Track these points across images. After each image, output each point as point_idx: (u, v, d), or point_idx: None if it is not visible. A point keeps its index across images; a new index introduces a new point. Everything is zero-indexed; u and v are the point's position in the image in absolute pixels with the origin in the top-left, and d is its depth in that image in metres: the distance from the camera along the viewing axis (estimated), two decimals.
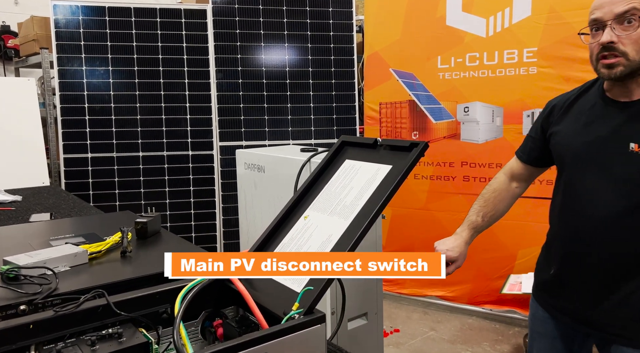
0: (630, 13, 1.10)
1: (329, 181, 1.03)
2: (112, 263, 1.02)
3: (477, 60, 2.77)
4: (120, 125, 3.16)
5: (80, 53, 3.07)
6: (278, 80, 3.33)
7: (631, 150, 1.13)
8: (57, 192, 2.52)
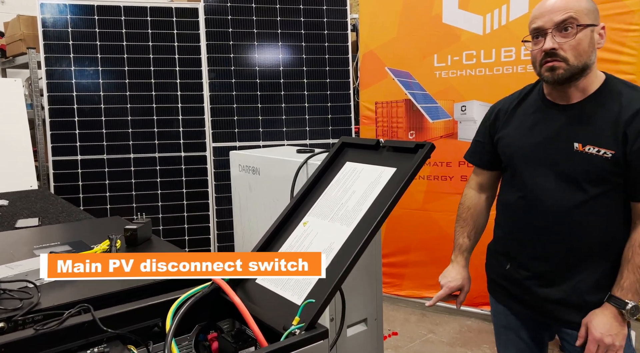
0: (567, 22, 1.18)
1: (329, 184, 0.97)
2: None
3: (474, 58, 2.73)
4: (110, 126, 3.09)
5: (69, 53, 3.00)
6: (272, 79, 3.27)
7: (576, 150, 1.23)
8: (46, 196, 2.45)
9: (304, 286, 0.80)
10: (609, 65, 2.37)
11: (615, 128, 1.19)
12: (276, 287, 0.84)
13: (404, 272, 3.11)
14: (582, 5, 1.20)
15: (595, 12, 1.22)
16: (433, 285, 3.05)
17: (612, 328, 1.22)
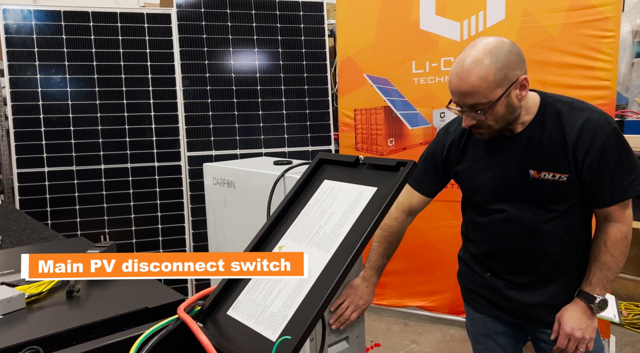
0: (477, 106, 1.19)
1: (306, 205, 0.91)
2: (56, 308, 0.88)
3: (452, 64, 2.70)
4: (79, 136, 2.97)
5: (34, 60, 2.87)
6: (248, 86, 3.20)
7: (532, 177, 1.28)
8: (8, 211, 2.32)
9: (280, 320, 0.74)
10: (585, 71, 2.37)
11: (564, 152, 1.23)
12: (249, 320, 0.77)
13: (385, 281, 3.06)
14: (489, 80, 1.16)
15: (505, 75, 1.17)
16: (415, 294, 3.02)
17: (582, 322, 1.30)
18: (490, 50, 1.17)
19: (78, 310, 0.88)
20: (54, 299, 0.90)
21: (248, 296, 0.81)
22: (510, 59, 1.17)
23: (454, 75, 1.21)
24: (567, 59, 2.41)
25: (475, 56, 1.17)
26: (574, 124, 1.22)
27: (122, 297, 0.93)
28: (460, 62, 1.21)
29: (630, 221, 1.31)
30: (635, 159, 1.26)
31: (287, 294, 0.76)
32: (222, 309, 0.82)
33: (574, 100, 1.29)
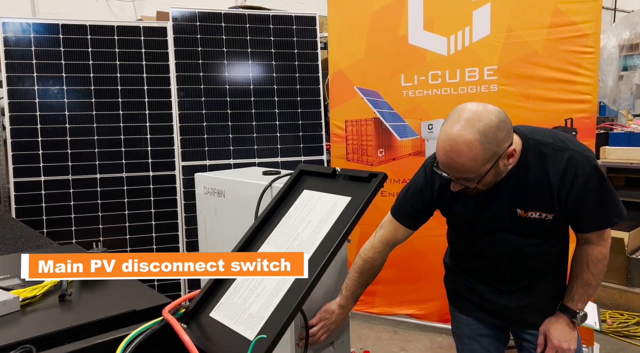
0: (465, 179, 1.25)
1: (286, 213, 0.97)
2: (49, 311, 0.93)
3: (439, 78, 2.78)
4: (75, 146, 3.02)
5: (32, 72, 2.93)
6: (242, 97, 3.26)
7: (519, 216, 1.35)
8: (4, 219, 2.37)
9: (257, 320, 0.79)
10: (566, 85, 2.45)
11: (549, 193, 1.29)
12: (230, 321, 0.82)
13: (375, 290, 3.11)
14: (478, 160, 1.17)
15: (494, 152, 1.18)
16: (404, 302, 3.07)
17: (567, 334, 1.41)
18: (479, 130, 1.15)
19: (69, 312, 0.93)
20: (47, 302, 0.96)
21: (230, 298, 0.87)
22: (498, 137, 1.17)
23: (442, 151, 1.20)
24: (550, 74, 2.49)
25: (464, 137, 1.15)
26: (557, 166, 1.27)
27: (112, 300, 0.98)
28: (448, 139, 1.18)
29: (609, 242, 1.40)
30: (614, 192, 1.33)
31: (266, 296, 0.82)
32: (205, 311, 0.87)
33: (554, 138, 1.30)
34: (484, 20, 2.61)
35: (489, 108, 1.21)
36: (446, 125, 1.20)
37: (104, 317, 0.89)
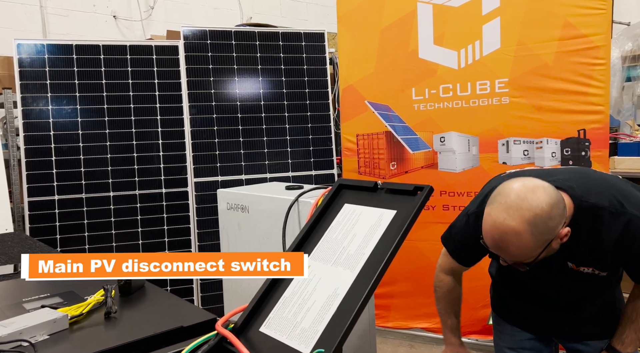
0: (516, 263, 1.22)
1: (329, 227, 0.98)
2: (96, 328, 0.93)
3: (450, 91, 2.81)
4: (89, 164, 3.04)
5: (46, 92, 2.96)
6: (253, 114, 3.29)
7: (570, 268, 1.31)
8: (22, 239, 2.37)
9: (311, 334, 0.79)
10: (578, 96, 2.48)
11: (604, 254, 1.25)
12: (282, 335, 0.83)
13: (390, 303, 3.10)
14: (528, 248, 1.11)
15: (545, 240, 1.12)
16: (420, 316, 3.05)
17: None
18: (529, 220, 1.06)
19: (116, 330, 0.94)
20: (93, 320, 0.96)
21: (279, 313, 0.87)
22: (550, 225, 1.10)
23: (489, 237, 1.11)
24: (561, 85, 2.52)
25: (513, 228, 1.06)
26: (613, 231, 1.20)
27: (157, 316, 0.98)
28: (495, 227, 1.08)
29: None
30: None
31: (317, 310, 0.83)
32: (254, 326, 0.88)
33: (611, 201, 1.21)
34: (494, 33, 2.65)
35: (538, 190, 1.09)
36: (492, 208, 1.10)
37: (152, 333, 0.89)
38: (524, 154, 2.67)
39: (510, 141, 2.69)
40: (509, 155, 2.71)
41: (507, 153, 2.71)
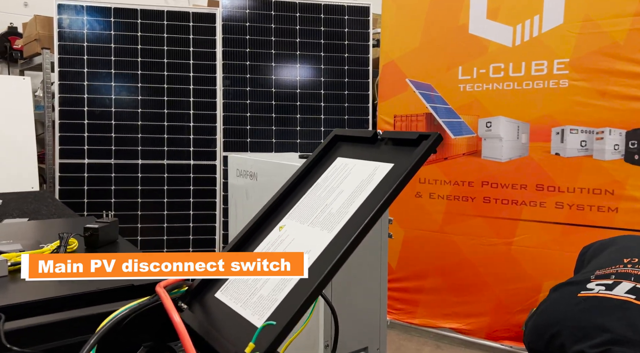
0: None
1: (314, 183, 0.81)
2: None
3: (501, 71, 2.55)
4: (120, 130, 3.01)
5: (83, 54, 2.94)
6: (288, 89, 3.15)
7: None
8: (44, 197, 2.35)
9: (268, 304, 0.63)
10: None
11: None
12: (236, 303, 0.67)
13: (418, 299, 2.89)
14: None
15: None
16: (449, 315, 2.82)
17: None
18: None
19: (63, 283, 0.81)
20: None
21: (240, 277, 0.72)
22: None
23: None
24: (631, 68, 2.21)
25: None
26: None
27: None
28: None
29: None
30: None
31: (282, 277, 0.66)
32: (211, 291, 0.73)
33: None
34: (556, 7, 2.36)
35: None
36: None
37: (95, 289, 0.76)
38: (581, 144, 2.37)
39: (566, 130, 2.40)
40: (563, 146, 2.42)
41: (562, 143, 2.42)
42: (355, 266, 1.43)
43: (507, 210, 2.58)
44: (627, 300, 0.95)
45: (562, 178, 2.42)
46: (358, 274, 1.43)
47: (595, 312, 0.97)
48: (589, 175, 2.36)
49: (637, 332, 0.90)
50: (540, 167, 2.48)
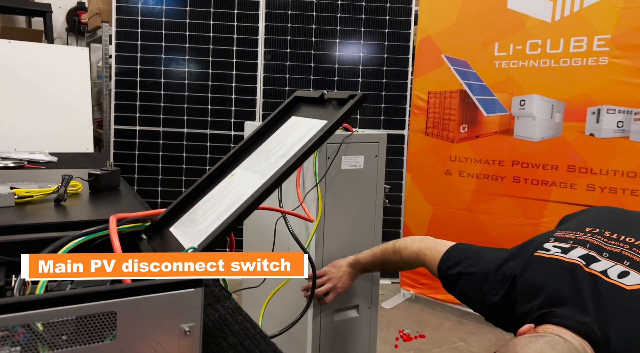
0: None
1: (268, 139, 0.90)
2: (38, 209, 0.97)
3: (539, 47, 2.47)
4: (168, 100, 3.23)
5: (137, 28, 3.17)
6: (327, 64, 3.21)
7: None
8: (95, 158, 2.60)
9: (201, 235, 0.74)
10: None
11: None
12: (182, 236, 0.79)
13: None
14: None
15: None
16: None
17: None
18: None
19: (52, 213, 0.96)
20: (44, 205, 1.00)
21: (192, 214, 0.83)
22: None
23: None
24: None
25: None
26: None
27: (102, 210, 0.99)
28: None
29: None
30: None
31: (218, 214, 0.77)
32: (168, 225, 0.85)
33: None
34: None
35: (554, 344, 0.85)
36: None
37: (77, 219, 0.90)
38: (617, 125, 2.27)
39: (602, 109, 2.30)
40: (598, 126, 2.32)
41: (597, 123, 2.32)
42: (349, 232, 1.51)
43: (536, 190, 2.53)
44: (577, 264, 0.97)
45: (595, 159, 2.33)
46: (350, 239, 1.51)
47: (545, 272, 1.00)
48: (624, 157, 2.26)
49: (579, 294, 0.93)
50: (573, 147, 2.40)
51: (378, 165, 1.53)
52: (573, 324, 0.89)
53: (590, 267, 0.96)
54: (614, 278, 0.93)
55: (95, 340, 0.56)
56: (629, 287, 0.91)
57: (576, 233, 1.07)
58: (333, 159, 1.41)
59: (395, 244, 1.41)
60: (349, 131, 1.48)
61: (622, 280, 0.92)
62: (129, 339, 0.58)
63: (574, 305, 0.91)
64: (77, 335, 0.55)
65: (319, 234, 1.44)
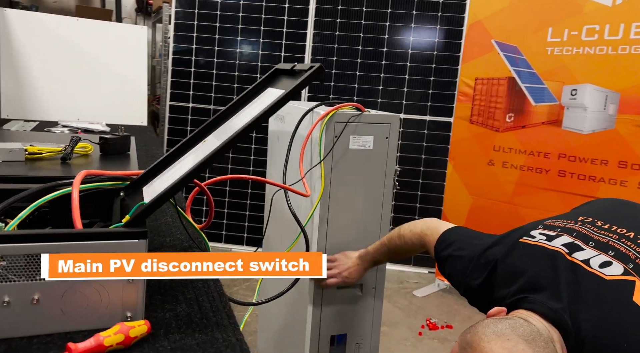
0: None
1: (244, 108, 0.94)
2: (45, 165, 1.07)
3: (596, 34, 2.29)
4: (219, 79, 3.35)
5: (194, 8, 3.30)
6: (375, 47, 3.18)
7: None
8: (145, 130, 2.78)
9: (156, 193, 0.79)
10: None
11: None
12: (147, 194, 0.84)
13: None
14: None
15: None
16: None
17: None
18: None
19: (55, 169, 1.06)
20: (49, 161, 1.10)
21: (161, 178, 0.89)
22: None
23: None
24: None
25: None
26: None
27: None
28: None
29: None
30: None
31: (174, 175, 0.82)
32: (144, 184, 0.91)
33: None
34: None
35: (515, 328, 0.79)
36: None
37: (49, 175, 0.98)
38: None
39: None
40: None
41: None
42: (355, 211, 1.51)
43: (583, 186, 2.37)
44: (559, 252, 0.93)
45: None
46: (357, 217, 1.52)
47: (525, 258, 0.96)
48: None
49: (556, 282, 0.89)
50: (627, 142, 2.22)
51: (389, 147, 1.51)
52: (543, 310, 0.86)
53: (573, 256, 0.91)
54: (595, 267, 0.88)
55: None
56: (608, 277, 0.86)
57: (566, 221, 1.01)
58: (338, 137, 1.42)
59: (400, 229, 1.40)
60: (360, 111, 1.48)
61: (603, 270, 0.87)
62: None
63: (548, 291, 0.88)
64: (27, 270, 0.63)
65: (323, 212, 1.46)
